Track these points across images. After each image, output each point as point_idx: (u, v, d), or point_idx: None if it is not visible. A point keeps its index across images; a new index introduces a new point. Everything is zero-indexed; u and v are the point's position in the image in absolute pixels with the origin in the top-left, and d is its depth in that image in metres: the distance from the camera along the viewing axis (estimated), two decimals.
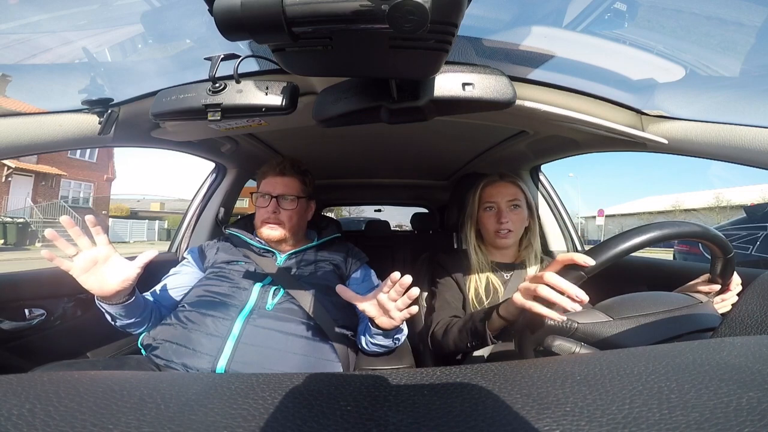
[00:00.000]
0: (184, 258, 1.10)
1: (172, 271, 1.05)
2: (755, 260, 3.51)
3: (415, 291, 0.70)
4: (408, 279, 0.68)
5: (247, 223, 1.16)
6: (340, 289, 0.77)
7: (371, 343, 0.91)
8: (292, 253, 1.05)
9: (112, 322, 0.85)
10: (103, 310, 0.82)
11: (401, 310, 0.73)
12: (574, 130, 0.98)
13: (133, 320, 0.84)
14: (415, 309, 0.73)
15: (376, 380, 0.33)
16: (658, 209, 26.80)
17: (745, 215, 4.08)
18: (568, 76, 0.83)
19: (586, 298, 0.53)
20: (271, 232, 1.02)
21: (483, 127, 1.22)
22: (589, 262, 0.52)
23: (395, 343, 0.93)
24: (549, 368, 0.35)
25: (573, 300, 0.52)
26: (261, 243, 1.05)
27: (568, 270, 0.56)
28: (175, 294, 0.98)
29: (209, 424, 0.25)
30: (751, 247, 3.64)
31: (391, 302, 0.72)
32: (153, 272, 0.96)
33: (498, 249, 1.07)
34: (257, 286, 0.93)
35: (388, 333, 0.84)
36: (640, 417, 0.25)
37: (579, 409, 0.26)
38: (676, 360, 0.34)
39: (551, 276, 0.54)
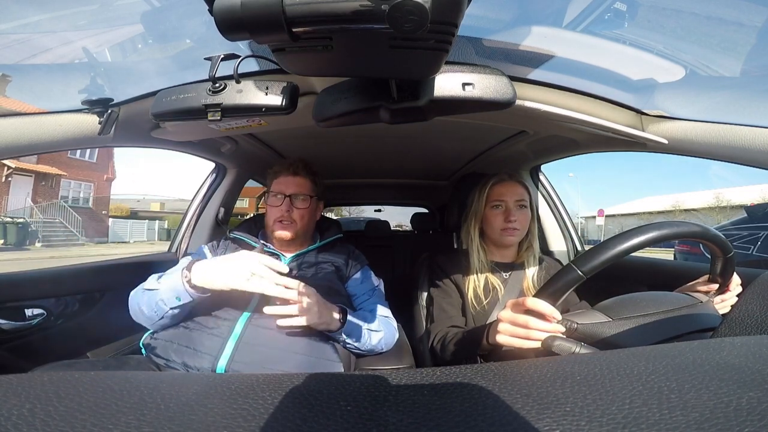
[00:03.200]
0: (190, 255, 1.09)
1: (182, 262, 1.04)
2: (756, 260, 3.50)
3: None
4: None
5: (252, 225, 1.16)
6: None
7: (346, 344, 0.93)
8: (295, 256, 1.06)
9: (165, 309, 0.83)
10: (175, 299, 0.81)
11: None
12: (574, 130, 0.98)
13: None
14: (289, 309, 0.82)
15: (376, 380, 0.33)
16: (658, 209, 26.80)
17: (746, 215, 4.08)
18: (568, 76, 0.83)
19: (558, 317, 0.57)
20: (283, 231, 1.03)
21: (483, 127, 1.22)
22: (556, 317, 0.57)
23: (348, 345, 0.93)
24: (549, 368, 0.35)
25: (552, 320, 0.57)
26: (266, 246, 1.05)
27: (562, 276, 0.57)
28: None
29: (209, 424, 0.25)
30: (752, 247, 3.63)
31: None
32: (153, 273, 0.96)
33: (500, 248, 1.07)
34: None
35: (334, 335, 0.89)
36: (640, 417, 0.25)
37: (579, 409, 0.26)
38: (676, 360, 0.34)
39: (532, 303, 0.58)
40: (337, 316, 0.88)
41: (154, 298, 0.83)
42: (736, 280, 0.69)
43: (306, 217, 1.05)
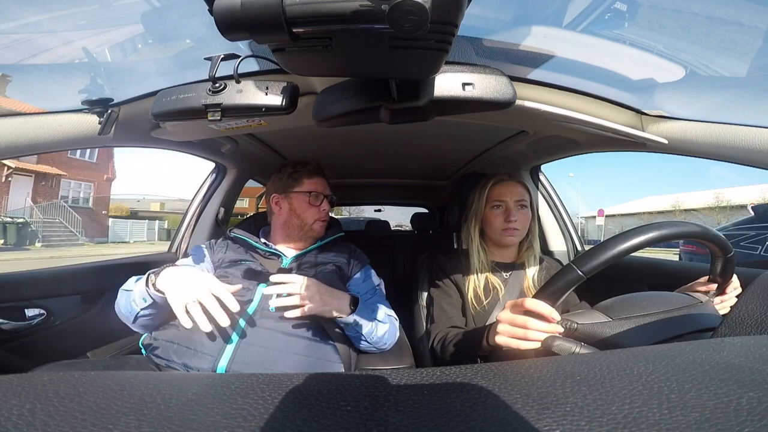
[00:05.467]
0: (190, 255, 1.08)
1: (180, 262, 1.04)
2: (764, 261, 3.42)
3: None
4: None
5: (252, 224, 1.15)
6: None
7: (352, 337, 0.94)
8: (297, 255, 1.06)
9: (144, 311, 0.83)
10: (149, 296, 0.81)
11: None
12: (574, 130, 0.98)
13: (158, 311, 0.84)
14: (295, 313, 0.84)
15: (376, 380, 0.33)
16: (658, 209, 26.82)
17: (752, 215, 4.02)
18: (568, 76, 0.83)
19: (558, 317, 0.57)
20: (322, 228, 1.11)
21: (483, 127, 1.22)
22: (555, 317, 0.57)
23: (358, 332, 0.93)
24: (549, 368, 0.35)
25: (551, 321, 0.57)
26: (266, 246, 1.05)
27: (562, 276, 0.57)
28: None
29: (209, 424, 0.25)
30: (760, 247, 3.56)
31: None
32: None
33: (500, 248, 1.07)
34: (261, 287, 0.93)
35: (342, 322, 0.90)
36: (640, 417, 0.25)
37: (579, 409, 0.26)
38: (676, 360, 0.34)
39: (531, 303, 0.58)
40: (347, 301, 0.89)
41: (129, 299, 0.85)
42: (735, 283, 0.69)
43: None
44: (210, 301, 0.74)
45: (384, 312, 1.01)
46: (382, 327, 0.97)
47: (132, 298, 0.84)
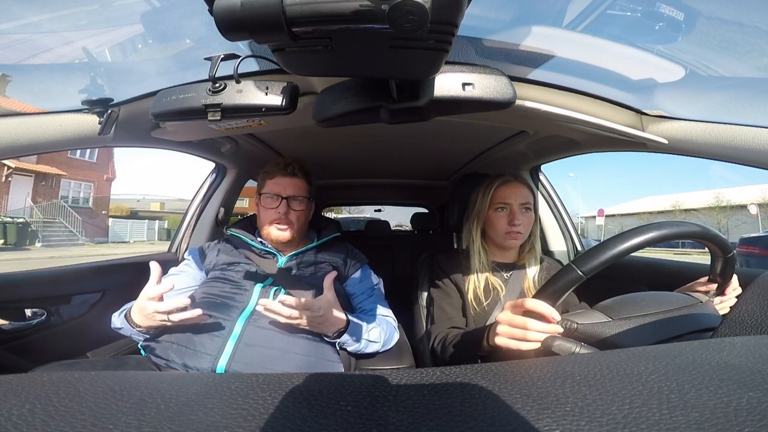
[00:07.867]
0: (184, 259, 1.09)
1: (172, 271, 1.05)
2: None
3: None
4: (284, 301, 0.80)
5: (248, 224, 1.15)
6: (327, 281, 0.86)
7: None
8: (293, 255, 1.05)
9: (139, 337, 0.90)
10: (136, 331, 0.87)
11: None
12: (574, 130, 0.98)
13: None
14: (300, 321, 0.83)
15: (376, 380, 0.33)
16: (658, 209, 26.86)
17: None
18: (568, 76, 0.83)
19: (558, 317, 0.57)
20: (280, 233, 1.02)
21: (483, 127, 1.22)
22: (555, 318, 0.57)
23: (348, 347, 0.93)
24: (549, 368, 0.35)
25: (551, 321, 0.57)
26: (262, 244, 1.05)
27: (562, 276, 0.57)
28: (179, 295, 0.98)
29: (209, 424, 0.25)
30: None
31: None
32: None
33: (502, 250, 1.06)
34: (258, 287, 0.93)
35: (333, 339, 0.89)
36: (640, 417, 0.25)
37: (579, 409, 0.26)
38: (676, 360, 0.34)
39: (531, 304, 0.58)
40: (333, 329, 0.87)
41: (126, 333, 0.90)
42: (735, 281, 0.69)
43: (302, 218, 1.06)
44: (156, 306, 0.79)
45: (378, 318, 1.01)
46: (373, 346, 0.96)
47: (130, 334, 0.89)
